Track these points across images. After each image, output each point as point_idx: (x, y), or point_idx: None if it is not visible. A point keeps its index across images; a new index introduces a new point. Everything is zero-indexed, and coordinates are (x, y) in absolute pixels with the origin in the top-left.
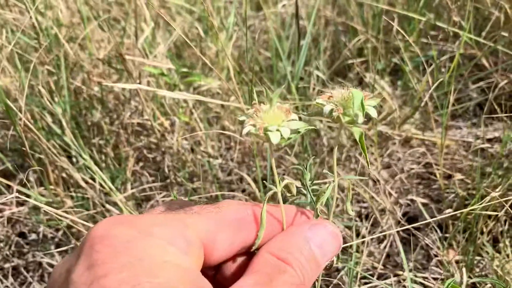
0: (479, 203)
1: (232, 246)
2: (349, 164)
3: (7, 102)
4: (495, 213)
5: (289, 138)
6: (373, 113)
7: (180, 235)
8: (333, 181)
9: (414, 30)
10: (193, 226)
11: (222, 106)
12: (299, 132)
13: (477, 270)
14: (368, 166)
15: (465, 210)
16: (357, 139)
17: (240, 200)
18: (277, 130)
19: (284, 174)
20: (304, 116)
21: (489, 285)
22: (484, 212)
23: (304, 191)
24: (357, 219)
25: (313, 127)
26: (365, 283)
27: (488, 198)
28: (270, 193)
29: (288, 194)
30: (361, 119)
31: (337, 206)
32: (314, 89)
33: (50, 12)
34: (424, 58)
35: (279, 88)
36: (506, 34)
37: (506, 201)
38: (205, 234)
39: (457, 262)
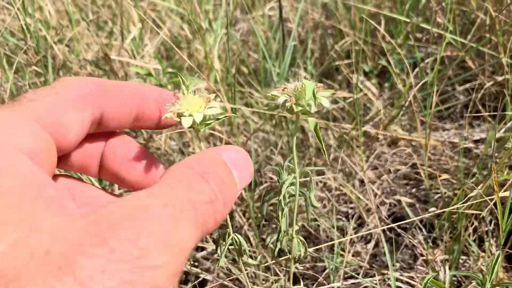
0: (463, 201)
1: (84, 124)
2: (336, 164)
3: None
4: (478, 211)
5: (207, 124)
6: (326, 103)
7: (19, 132)
8: (294, 173)
9: (401, 32)
10: (31, 117)
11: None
12: (218, 119)
13: (463, 269)
14: (324, 154)
15: (448, 209)
16: (312, 129)
17: None
18: (190, 115)
19: (271, 172)
20: (264, 110)
21: (473, 284)
22: (467, 211)
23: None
24: (344, 219)
25: (233, 115)
26: (352, 284)
27: (472, 194)
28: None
29: None
30: (313, 108)
31: (324, 206)
32: None
33: (39, 13)
34: (410, 60)
35: (194, 77)
36: (491, 36)
37: (490, 200)
38: (49, 121)
39: (442, 261)
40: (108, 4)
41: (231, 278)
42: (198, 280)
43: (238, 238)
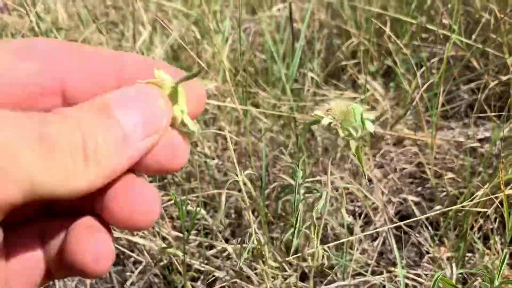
0: (469, 199)
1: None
2: (343, 164)
3: None
4: (484, 209)
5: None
6: (371, 127)
7: None
8: (326, 190)
9: (406, 33)
10: None
11: (219, 107)
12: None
13: (468, 266)
14: (365, 176)
15: (455, 207)
16: (354, 152)
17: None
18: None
19: (280, 172)
20: (301, 125)
21: (479, 280)
22: (473, 209)
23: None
24: (351, 217)
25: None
26: (360, 281)
27: (479, 193)
28: None
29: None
30: (359, 133)
31: (332, 205)
32: (308, 90)
33: (49, 16)
34: (415, 60)
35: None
36: (496, 37)
37: (496, 198)
38: None
39: (448, 258)
40: (117, 6)
41: (241, 277)
42: (209, 278)
43: (259, 239)
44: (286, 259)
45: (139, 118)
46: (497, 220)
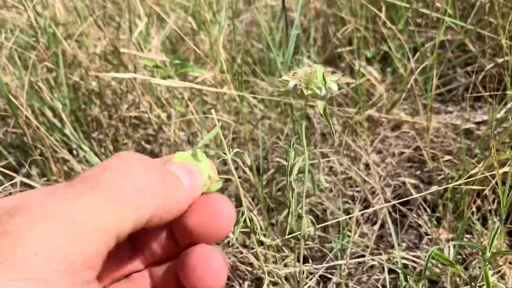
0: (465, 177)
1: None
2: (342, 149)
3: (9, 96)
4: (481, 187)
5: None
6: (334, 87)
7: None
8: (303, 154)
9: (402, 18)
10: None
11: (218, 98)
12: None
13: (467, 247)
14: (333, 134)
15: (450, 185)
16: (321, 111)
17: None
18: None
19: (278, 157)
20: (273, 95)
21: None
22: (469, 187)
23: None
24: (350, 201)
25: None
26: (359, 263)
27: (473, 171)
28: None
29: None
30: (323, 91)
31: (331, 190)
32: None
33: (47, 11)
34: (411, 45)
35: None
36: (488, 18)
37: (491, 176)
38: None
39: (448, 240)
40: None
41: (241, 258)
42: None
43: (251, 216)
44: (282, 238)
45: (187, 174)
46: (495, 201)
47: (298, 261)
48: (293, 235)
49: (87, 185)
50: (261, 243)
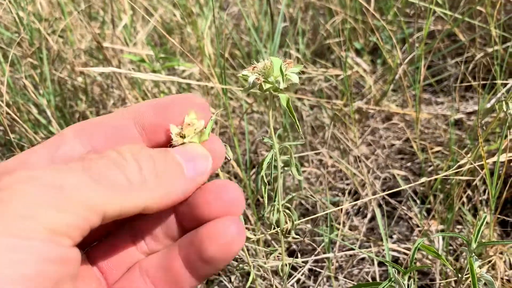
0: (454, 167)
1: None
2: (333, 143)
3: None
4: (469, 177)
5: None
6: (295, 78)
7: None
8: (273, 148)
9: (391, 8)
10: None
11: (207, 93)
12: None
13: (458, 238)
14: (299, 129)
15: (439, 176)
16: (284, 105)
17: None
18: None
19: (267, 151)
20: (240, 89)
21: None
22: (458, 177)
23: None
24: (340, 194)
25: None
26: (350, 256)
27: (462, 162)
28: None
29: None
30: (282, 85)
31: (321, 183)
32: None
33: (31, 6)
34: (400, 36)
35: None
36: (476, 7)
37: (480, 166)
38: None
39: (438, 231)
40: None
41: None
42: None
43: None
44: (267, 233)
45: (191, 161)
46: (486, 191)
47: (291, 256)
48: (276, 230)
49: (80, 166)
50: (247, 238)
